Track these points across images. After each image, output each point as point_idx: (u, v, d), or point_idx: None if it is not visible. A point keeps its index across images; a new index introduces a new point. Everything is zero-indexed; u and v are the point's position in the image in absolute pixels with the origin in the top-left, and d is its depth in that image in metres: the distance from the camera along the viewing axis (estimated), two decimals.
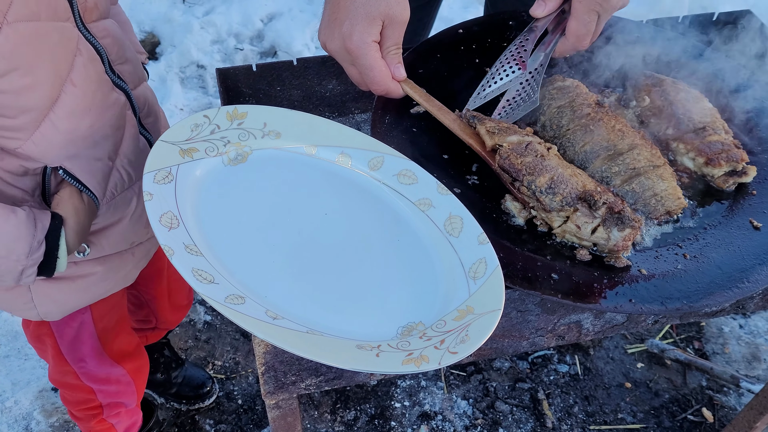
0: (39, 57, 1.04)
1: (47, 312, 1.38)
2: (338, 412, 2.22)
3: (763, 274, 1.09)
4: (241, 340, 2.42)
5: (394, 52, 1.22)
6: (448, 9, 3.51)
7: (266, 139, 1.14)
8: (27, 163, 1.14)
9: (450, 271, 1.04)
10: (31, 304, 1.34)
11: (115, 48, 1.23)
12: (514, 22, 1.50)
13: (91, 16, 1.17)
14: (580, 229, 1.10)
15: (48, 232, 1.11)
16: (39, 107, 1.08)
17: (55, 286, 1.33)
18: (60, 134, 1.12)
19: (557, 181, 1.12)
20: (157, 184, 0.98)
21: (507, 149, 1.18)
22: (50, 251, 1.12)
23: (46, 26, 1.04)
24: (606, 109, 1.27)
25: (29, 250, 1.09)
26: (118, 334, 1.65)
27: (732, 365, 2.40)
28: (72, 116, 1.12)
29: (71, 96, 1.10)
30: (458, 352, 0.89)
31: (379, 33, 1.19)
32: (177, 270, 0.88)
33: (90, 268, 1.35)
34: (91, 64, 1.14)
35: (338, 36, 1.19)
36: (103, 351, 1.62)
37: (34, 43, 1.03)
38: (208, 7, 3.62)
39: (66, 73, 1.09)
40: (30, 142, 1.11)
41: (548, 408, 2.25)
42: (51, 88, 1.08)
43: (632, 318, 1.19)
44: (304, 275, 0.99)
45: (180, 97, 3.16)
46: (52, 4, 1.05)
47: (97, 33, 1.17)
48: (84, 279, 1.36)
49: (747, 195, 1.23)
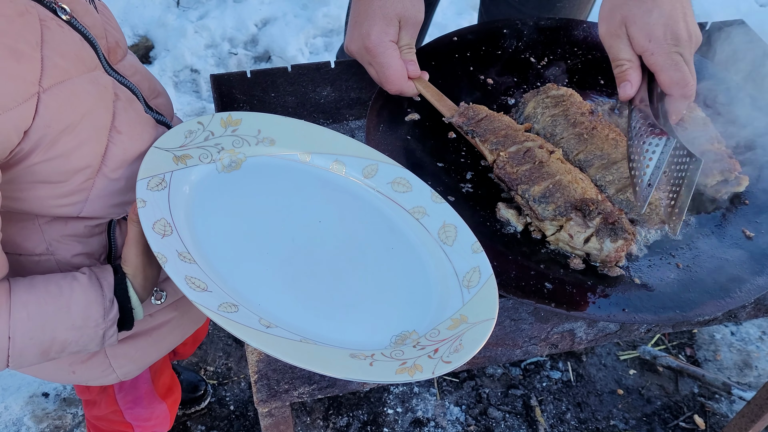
0: (80, 114, 0.98)
1: (126, 373, 1.33)
2: (331, 418, 2.22)
3: (755, 284, 1.10)
4: (234, 346, 2.41)
5: (407, 50, 1.28)
6: (442, 15, 3.52)
7: (260, 146, 1.14)
8: (92, 222, 1.10)
9: (444, 280, 1.04)
10: (109, 369, 1.29)
11: (146, 83, 1.19)
12: (508, 30, 1.50)
13: (116, 57, 1.12)
14: (572, 239, 1.10)
15: (115, 287, 1.06)
16: (90, 165, 1.02)
17: (131, 345, 1.28)
18: (117, 185, 1.06)
19: (553, 189, 1.12)
20: (151, 190, 0.98)
21: (504, 158, 1.19)
22: (122, 305, 1.07)
23: (80, 81, 0.98)
24: (600, 118, 1.27)
25: (104, 312, 1.04)
26: (163, 372, 1.63)
27: (724, 372, 2.41)
28: (124, 165, 1.05)
29: (119, 145, 1.04)
30: (452, 361, 0.89)
31: (397, 34, 1.26)
32: (170, 277, 0.87)
33: (164, 316, 1.30)
34: (130, 106, 1.08)
35: (357, 36, 1.26)
36: (154, 391, 1.58)
37: (72, 102, 0.97)
38: (202, 12, 3.61)
39: (109, 122, 1.03)
40: (89, 203, 1.05)
41: (541, 414, 2.25)
42: (97, 142, 1.01)
43: (625, 327, 1.19)
44: (298, 283, 0.99)
45: (173, 101, 3.15)
46: (79, 56, 1.00)
47: (126, 72, 1.13)
48: (159, 330, 1.30)
49: (740, 204, 1.23)
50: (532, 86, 1.42)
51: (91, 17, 1.06)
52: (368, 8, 1.25)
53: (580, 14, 1.81)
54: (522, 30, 1.51)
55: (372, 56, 1.26)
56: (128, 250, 1.06)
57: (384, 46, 1.24)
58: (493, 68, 1.44)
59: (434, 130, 1.30)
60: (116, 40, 1.12)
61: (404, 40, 1.27)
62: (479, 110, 1.28)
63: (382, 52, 1.24)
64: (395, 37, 1.25)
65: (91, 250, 1.13)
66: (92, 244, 1.13)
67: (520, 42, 1.49)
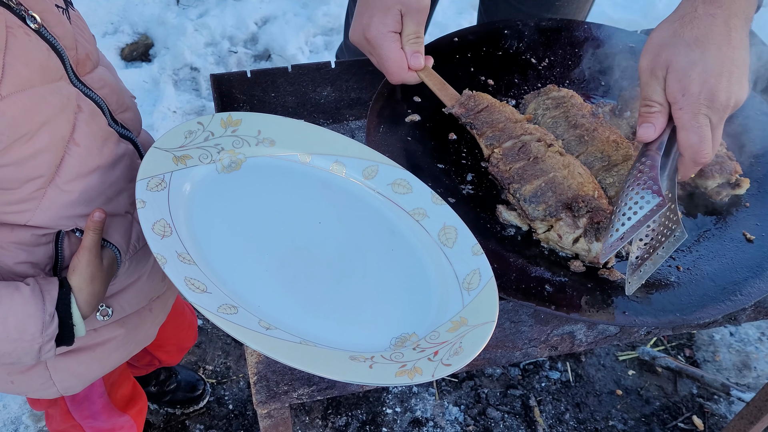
0: (38, 124, 0.97)
1: (67, 387, 1.29)
2: (329, 418, 2.22)
3: (755, 286, 1.09)
4: (233, 345, 2.41)
5: (413, 40, 1.25)
6: (443, 14, 3.51)
7: (260, 147, 1.14)
8: (39, 231, 1.07)
9: (444, 282, 1.04)
10: (49, 382, 1.26)
11: (114, 96, 1.16)
12: (509, 31, 1.50)
13: (85, 68, 1.10)
14: (561, 239, 1.10)
15: (57, 302, 1.03)
16: (43, 174, 1.01)
17: (74, 359, 1.25)
18: (69, 197, 1.05)
19: (545, 188, 1.12)
20: (150, 191, 0.98)
21: (497, 156, 1.18)
22: (64, 320, 1.05)
23: (42, 91, 0.97)
24: (600, 120, 1.27)
25: (42, 326, 1.01)
26: (121, 384, 1.61)
27: (722, 373, 2.41)
28: (79, 177, 1.05)
29: (75, 157, 1.03)
30: (452, 364, 0.89)
31: (398, 22, 1.24)
32: (169, 278, 0.87)
33: (109, 332, 1.27)
34: (93, 119, 1.07)
35: (358, 27, 1.26)
36: (111, 405, 1.56)
37: (32, 111, 0.95)
38: (202, 10, 3.60)
39: (68, 133, 1.02)
40: (39, 212, 1.04)
41: (539, 415, 2.25)
42: (53, 152, 1.00)
43: (625, 330, 1.19)
44: (298, 285, 0.98)
45: (173, 99, 3.15)
46: (44, 66, 0.98)
47: (94, 85, 1.10)
48: (104, 346, 1.27)
49: (740, 207, 1.23)
50: (533, 87, 1.42)
51: (62, 27, 1.04)
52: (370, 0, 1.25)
53: (579, 13, 1.81)
54: (523, 31, 1.51)
55: (372, 47, 1.25)
56: (79, 259, 1.06)
57: (382, 38, 1.23)
58: (493, 69, 1.44)
59: (435, 131, 1.29)
60: (87, 52, 1.10)
61: (409, 28, 1.25)
62: (481, 99, 1.27)
63: (380, 43, 1.24)
64: (395, 27, 1.24)
65: (36, 260, 1.10)
66: (38, 254, 1.09)
67: (521, 43, 1.49)
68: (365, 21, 1.24)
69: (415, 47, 1.26)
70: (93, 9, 3.48)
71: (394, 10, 1.23)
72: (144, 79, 3.27)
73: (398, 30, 1.25)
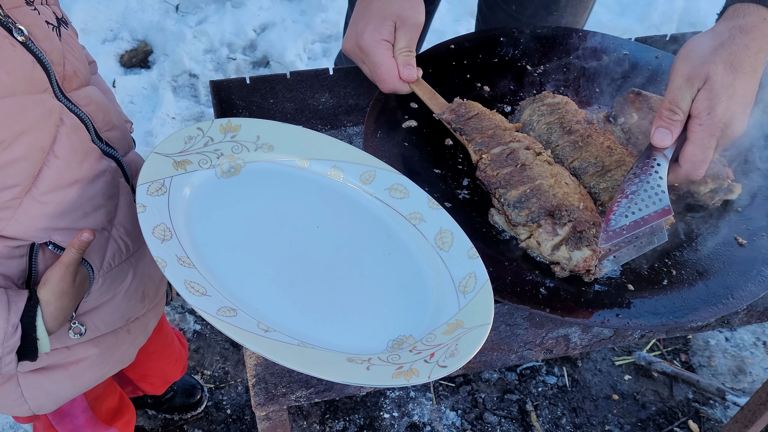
0: (17, 132, 0.98)
1: (39, 405, 1.28)
2: (327, 422, 2.22)
3: (747, 290, 1.11)
4: (231, 350, 2.41)
5: (405, 53, 1.27)
6: (440, 22, 3.54)
7: (259, 152, 1.15)
8: (12, 243, 1.07)
9: (440, 285, 1.05)
10: (21, 399, 1.25)
11: (101, 115, 1.17)
12: (504, 38, 1.52)
13: (71, 85, 1.11)
14: (540, 246, 1.11)
15: (23, 314, 1.03)
16: (19, 183, 1.01)
17: (46, 377, 1.23)
18: (45, 209, 1.06)
19: (530, 194, 1.13)
20: (151, 195, 0.99)
21: (485, 161, 1.20)
22: (27, 333, 1.04)
23: (23, 100, 0.99)
24: (595, 126, 1.29)
25: (3, 337, 1.00)
26: (106, 397, 1.60)
27: (718, 378, 2.42)
28: (56, 189, 1.06)
29: (54, 169, 1.04)
30: (448, 365, 0.90)
31: (391, 33, 1.26)
32: (169, 281, 0.88)
33: (83, 351, 1.25)
34: (75, 134, 1.08)
35: (352, 35, 1.27)
36: (95, 418, 1.55)
37: (11, 119, 0.97)
38: (201, 17, 3.63)
39: (48, 145, 1.03)
40: (14, 221, 1.04)
41: (536, 419, 2.26)
42: (32, 162, 1.02)
43: (619, 332, 1.20)
44: (296, 288, 1.00)
45: (172, 105, 3.17)
46: (28, 77, 1.00)
47: (80, 101, 1.12)
48: (77, 365, 1.26)
49: (732, 212, 1.25)
50: (529, 94, 1.44)
51: (49, 43, 1.06)
52: (366, 9, 1.26)
53: (577, 23, 1.83)
54: (518, 38, 1.52)
55: (365, 54, 1.27)
56: (53, 272, 1.06)
57: (376, 45, 1.25)
58: (489, 76, 1.45)
59: (431, 137, 1.31)
60: (75, 69, 1.12)
61: (401, 43, 1.27)
62: (472, 107, 1.29)
63: (373, 50, 1.25)
64: (389, 36, 1.26)
65: (8, 273, 1.09)
66: (10, 267, 1.09)
67: (516, 50, 1.51)
68: (359, 29, 1.26)
69: (407, 59, 1.27)
70: (93, 16, 3.50)
71: (389, 21, 1.25)
72: (143, 85, 3.28)
73: (391, 41, 1.26)
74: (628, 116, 1.36)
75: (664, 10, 3.65)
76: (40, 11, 1.07)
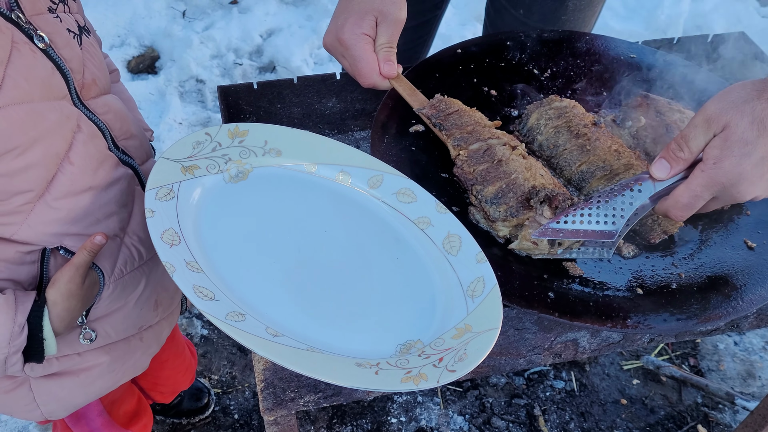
0: (33, 138, 0.98)
1: (51, 411, 1.28)
2: (334, 427, 2.22)
3: (757, 294, 1.10)
4: (238, 355, 2.42)
5: (386, 49, 1.27)
6: (446, 26, 3.54)
7: (267, 157, 1.15)
8: (24, 248, 1.07)
9: (448, 290, 1.05)
10: (33, 404, 1.25)
11: (118, 123, 1.17)
12: (511, 42, 1.52)
13: (90, 93, 1.12)
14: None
15: (29, 314, 1.03)
16: (33, 189, 1.02)
17: (57, 383, 1.24)
18: (57, 214, 1.06)
19: (506, 189, 1.13)
20: (159, 200, 0.99)
21: (462, 158, 1.20)
22: (34, 334, 1.04)
23: (41, 106, 0.99)
24: (602, 129, 1.28)
25: (10, 336, 1.00)
26: (124, 401, 1.60)
27: (727, 382, 2.41)
28: (69, 195, 1.06)
29: (68, 175, 1.05)
30: (456, 370, 0.90)
31: (372, 28, 1.25)
32: (178, 286, 0.88)
33: (94, 358, 1.25)
34: (91, 141, 1.08)
35: (333, 29, 1.27)
36: (112, 421, 1.55)
37: (27, 125, 0.97)
38: (207, 23, 3.64)
39: (63, 151, 1.04)
40: (25, 226, 1.04)
41: (544, 424, 2.25)
42: (46, 168, 1.02)
43: (628, 336, 1.20)
44: (304, 292, 1.00)
45: (179, 111, 3.18)
46: (47, 83, 1.01)
47: (98, 109, 1.12)
48: (89, 372, 1.26)
49: (742, 215, 1.24)
50: (536, 98, 1.44)
51: (70, 51, 1.07)
52: (348, 4, 1.26)
53: (585, 27, 1.83)
54: (525, 42, 1.52)
55: (344, 48, 1.26)
56: (63, 273, 1.06)
57: (356, 39, 1.24)
58: (496, 80, 1.45)
59: (438, 141, 1.31)
60: (94, 78, 1.12)
61: (382, 38, 1.26)
62: (452, 104, 1.29)
63: (353, 44, 1.24)
64: (370, 31, 1.25)
65: (18, 278, 1.09)
66: (20, 273, 1.09)
67: (523, 54, 1.51)
68: (340, 23, 1.26)
69: (388, 55, 1.27)
70: (100, 22, 3.52)
71: (371, 16, 1.24)
72: (150, 90, 3.30)
73: (372, 36, 1.26)
74: (635, 120, 1.36)
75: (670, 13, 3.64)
76: (62, 19, 1.08)
